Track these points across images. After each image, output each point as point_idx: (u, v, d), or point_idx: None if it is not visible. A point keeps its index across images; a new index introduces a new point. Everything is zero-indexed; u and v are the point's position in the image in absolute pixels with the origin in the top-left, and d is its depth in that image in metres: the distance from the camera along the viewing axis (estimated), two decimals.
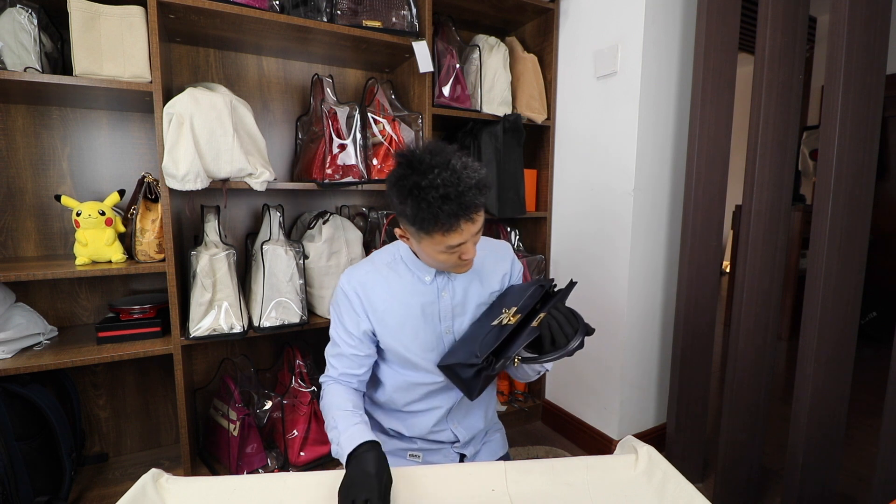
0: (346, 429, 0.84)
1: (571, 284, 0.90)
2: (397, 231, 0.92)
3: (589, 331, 0.82)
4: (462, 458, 1.03)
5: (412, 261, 0.97)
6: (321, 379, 1.01)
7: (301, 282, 1.45)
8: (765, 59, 1.26)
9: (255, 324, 1.40)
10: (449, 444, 1.03)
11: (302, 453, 1.51)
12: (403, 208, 0.81)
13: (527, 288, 0.93)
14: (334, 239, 1.55)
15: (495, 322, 0.88)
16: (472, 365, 0.83)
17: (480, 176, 0.81)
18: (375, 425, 1.07)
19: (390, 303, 0.95)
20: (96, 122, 1.48)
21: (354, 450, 0.78)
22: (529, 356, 0.82)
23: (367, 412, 1.08)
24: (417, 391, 0.99)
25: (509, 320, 0.85)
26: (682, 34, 1.59)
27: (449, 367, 0.89)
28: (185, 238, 1.55)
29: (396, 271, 0.97)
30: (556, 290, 0.92)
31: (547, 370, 0.98)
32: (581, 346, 0.81)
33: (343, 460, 0.80)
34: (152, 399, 1.65)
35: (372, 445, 0.78)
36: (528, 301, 0.87)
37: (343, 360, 0.97)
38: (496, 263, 1.04)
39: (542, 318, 0.82)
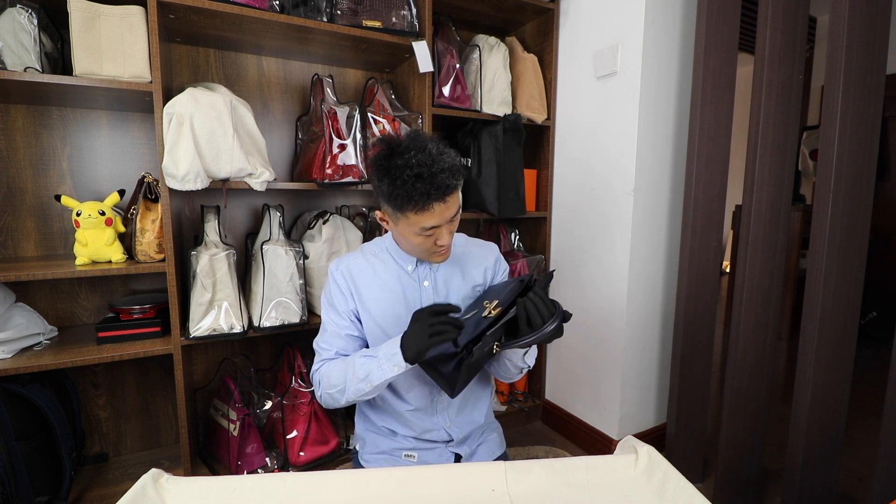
0: (377, 349, 0.88)
1: (550, 274, 0.92)
2: (377, 214, 0.95)
3: (566, 316, 0.83)
4: (458, 457, 1.03)
5: (396, 251, 1.01)
6: (314, 367, 1.00)
7: (301, 282, 1.45)
8: (765, 59, 1.26)
9: (255, 324, 1.40)
10: (443, 443, 1.03)
11: (302, 453, 1.51)
12: (381, 186, 0.86)
13: (508, 284, 0.95)
14: (334, 239, 1.55)
15: (477, 315, 0.89)
16: (451, 357, 0.84)
17: (454, 161, 0.86)
18: (368, 424, 1.07)
19: (373, 287, 0.99)
20: (96, 122, 1.48)
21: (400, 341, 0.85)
22: (507, 342, 0.83)
23: (358, 410, 1.09)
24: (403, 382, 1.00)
25: (490, 312, 0.86)
26: (682, 34, 1.59)
27: (429, 363, 0.89)
28: (185, 238, 1.55)
29: (382, 259, 1.02)
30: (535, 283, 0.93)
31: (528, 366, 0.98)
32: (559, 333, 0.82)
33: (396, 362, 0.85)
34: (152, 399, 1.65)
35: None
36: (509, 295, 0.88)
37: (337, 343, 0.99)
38: (480, 258, 1.07)
39: (518, 301, 0.84)
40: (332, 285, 1.01)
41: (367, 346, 1.02)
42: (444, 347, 0.85)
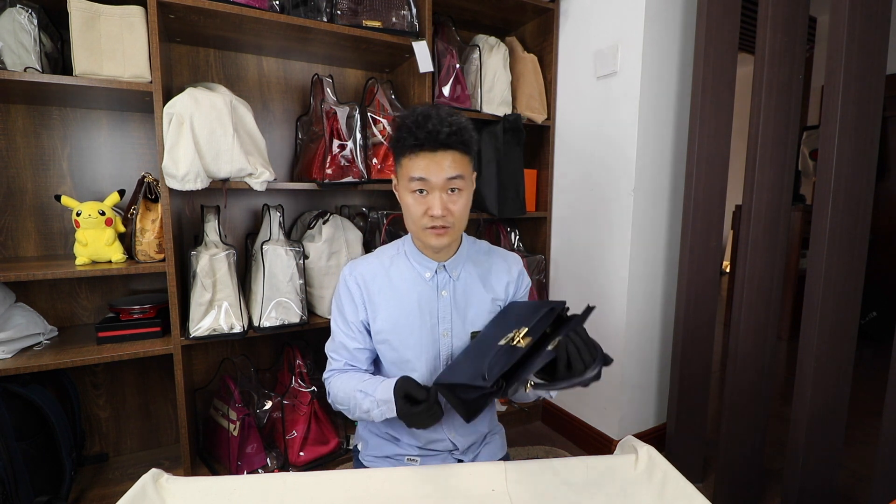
0: (375, 388, 0.88)
1: (589, 309, 0.83)
2: (393, 181, 0.96)
3: (607, 361, 0.75)
4: (460, 462, 1.02)
5: (413, 252, 0.97)
6: (324, 375, 1.00)
7: (301, 282, 1.45)
8: (765, 59, 1.26)
9: (255, 324, 1.40)
10: (447, 451, 1.01)
11: (302, 453, 1.51)
12: (392, 133, 0.91)
13: (536, 308, 0.87)
14: (334, 239, 1.55)
15: (503, 342, 0.81)
16: (477, 388, 0.77)
17: (457, 120, 0.85)
18: (371, 425, 1.05)
19: (388, 295, 0.95)
20: (96, 122, 1.48)
21: (396, 386, 0.83)
22: (541, 382, 0.75)
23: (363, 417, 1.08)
24: None
25: (519, 342, 0.78)
26: (682, 34, 1.59)
27: (448, 387, 0.81)
28: (185, 238, 1.55)
29: (398, 265, 0.97)
30: (569, 314, 0.86)
31: (551, 397, 0.94)
32: (598, 376, 0.73)
33: (390, 407, 0.84)
34: (152, 399, 1.65)
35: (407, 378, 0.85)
36: (540, 324, 0.81)
37: (345, 354, 0.97)
38: (503, 270, 1.02)
39: (558, 342, 0.75)
40: (343, 292, 0.97)
41: (377, 356, 0.99)
42: (473, 378, 0.78)
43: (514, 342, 0.79)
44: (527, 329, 0.80)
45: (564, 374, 0.74)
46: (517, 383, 0.73)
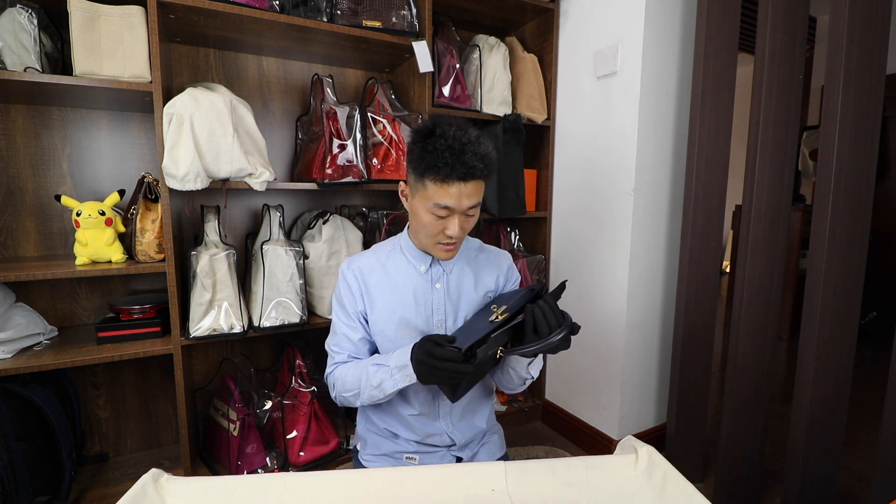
0: (388, 358, 0.90)
1: (562, 285, 0.89)
2: (400, 186, 0.97)
3: (574, 328, 0.82)
4: (459, 461, 1.03)
5: (409, 247, 1.01)
6: (327, 371, 1.02)
7: (301, 282, 1.45)
8: (765, 59, 1.26)
9: (255, 324, 1.40)
10: (445, 447, 1.03)
11: (302, 453, 1.51)
12: (413, 149, 0.88)
13: (518, 292, 0.95)
14: (334, 239, 1.55)
15: (483, 320, 0.89)
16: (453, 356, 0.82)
17: (488, 150, 0.87)
18: (369, 424, 1.06)
19: (384, 287, 0.99)
20: (96, 122, 1.48)
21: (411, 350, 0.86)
22: (512, 349, 0.83)
23: (361, 410, 1.09)
24: (412, 386, 0.98)
25: (497, 317, 0.86)
26: (682, 34, 1.59)
27: None
28: (185, 238, 1.55)
29: (394, 259, 1.01)
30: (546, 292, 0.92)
31: (532, 377, 0.97)
32: (566, 344, 0.80)
33: (407, 374, 0.86)
34: (152, 399, 1.65)
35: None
36: (518, 302, 0.88)
37: (348, 346, 1.00)
38: (493, 264, 1.07)
39: (526, 308, 0.83)
40: (342, 285, 1.01)
41: (376, 348, 1.02)
42: (448, 351, 0.84)
43: (493, 318, 0.85)
44: (506, 307, 0.87)
45: (532, 338, 0.81)
46: (485, 347, 0.80)
